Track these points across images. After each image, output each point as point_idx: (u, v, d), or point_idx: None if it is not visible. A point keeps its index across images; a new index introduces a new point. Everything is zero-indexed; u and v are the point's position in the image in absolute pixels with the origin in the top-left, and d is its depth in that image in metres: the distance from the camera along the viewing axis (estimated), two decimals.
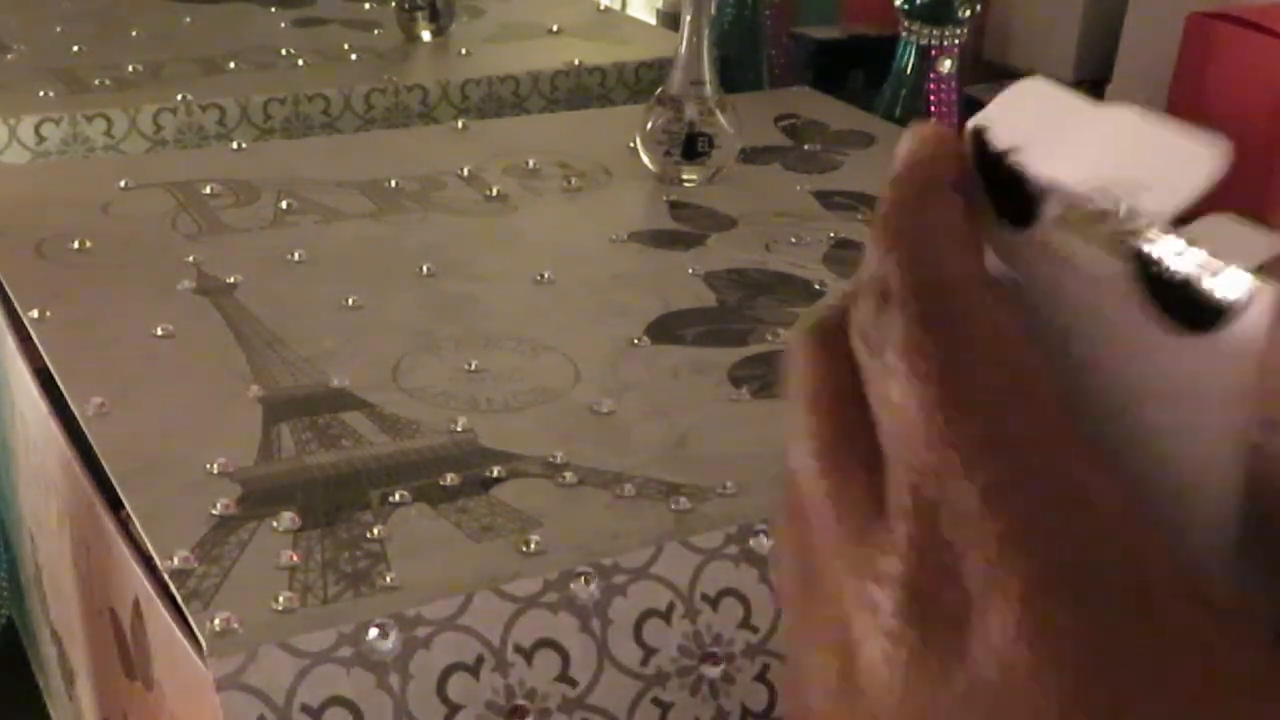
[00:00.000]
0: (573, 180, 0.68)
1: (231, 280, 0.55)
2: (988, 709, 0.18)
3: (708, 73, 0.68)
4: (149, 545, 0.39)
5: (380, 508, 0.41)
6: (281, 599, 0.36)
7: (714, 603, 0.40)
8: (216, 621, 0.35)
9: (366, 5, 0.99)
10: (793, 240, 0.63)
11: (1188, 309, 0.19)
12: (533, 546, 0.39)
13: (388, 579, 0.38)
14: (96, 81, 0.80)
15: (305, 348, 0.50)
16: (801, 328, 0.22)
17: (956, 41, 0.79)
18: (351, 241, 0.60)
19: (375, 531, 0.40)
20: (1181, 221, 0.20)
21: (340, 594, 0.37)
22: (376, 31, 0.93)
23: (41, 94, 0.77)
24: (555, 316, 0.54)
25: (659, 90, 0.69)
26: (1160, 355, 0.19)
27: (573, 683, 0.38)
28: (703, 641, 0.40)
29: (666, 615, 0.40)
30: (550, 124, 0.80)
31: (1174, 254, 0.19)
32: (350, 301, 0.54)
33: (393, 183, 0.66)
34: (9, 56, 0.85)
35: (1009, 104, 0.23)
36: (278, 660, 0.35)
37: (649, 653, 0.39)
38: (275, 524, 0.40)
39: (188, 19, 0.94)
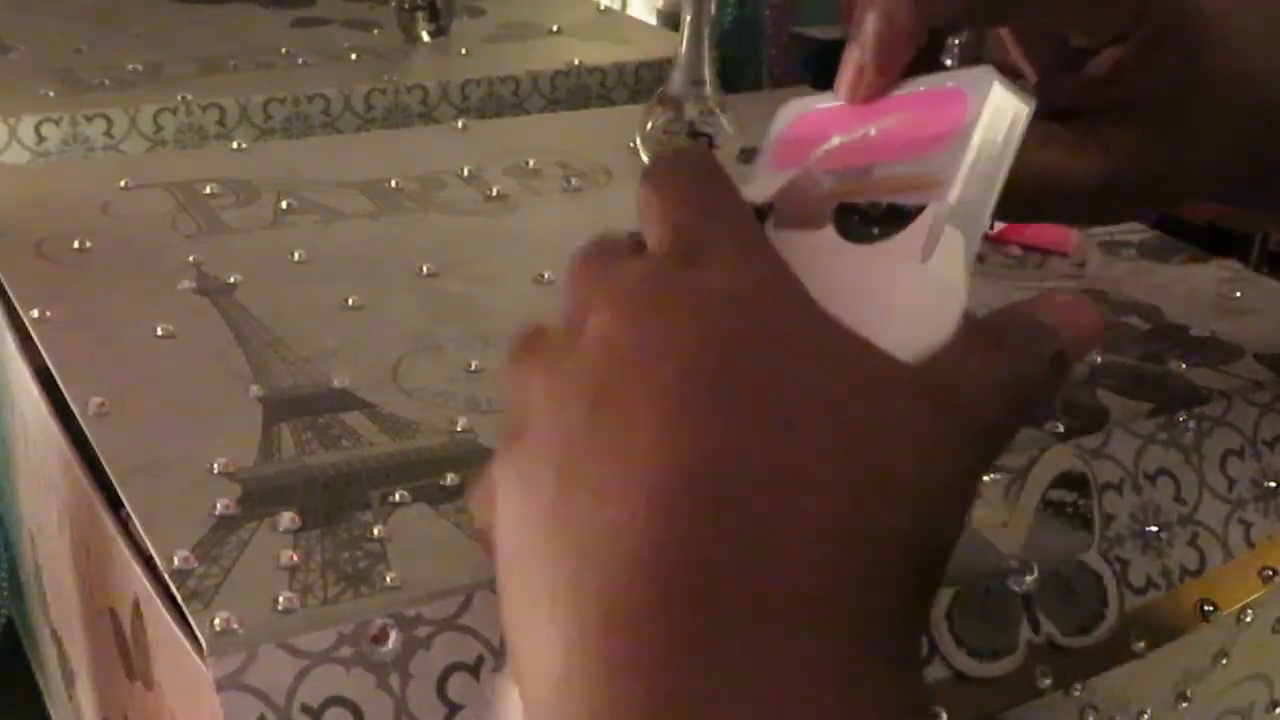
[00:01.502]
0: (573, 180, 0.68)
1: (231, 280, 0.55)
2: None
3: (708, 73, 0.68)
4: (149, 545, 0.39)
5: (380, 508, 0.41)
6: (281, 599, 0.36)
7: None
8: (216, 621, 0.35)
9: (367, 5, 0.99)
10: None
11: (870, 232, 0.32)
12: None
13: (388, 579, 0.38)
14: (96, 81, 0.80)
15: (305, 348, 0.50)
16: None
17: (956, 42, 0.79)
18: (351, 241, 0.60)
19: (375, 531, 0.40)
20: None
21: (340, 594, 0.37)
22: (376, 31, 0.93)
23: (41, 94, 0.77)
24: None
25: (659, 90, 0.69)
26: (847, 260, 0.31)
27: None
28: None
29: None
30: (550, 124, 0.80)
31: (866, 207, 0.33)
32: (350, 301, 0.54)
33: (393, 183, 0.66)
34: (9, 56, 0.85)
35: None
36: (278, 660, 0.35)
37: None
38: (275, 524, 0.40)
39: (188, 19, 0.94)
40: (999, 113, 0.33)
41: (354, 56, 0.87)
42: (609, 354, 0.28)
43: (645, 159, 0.69)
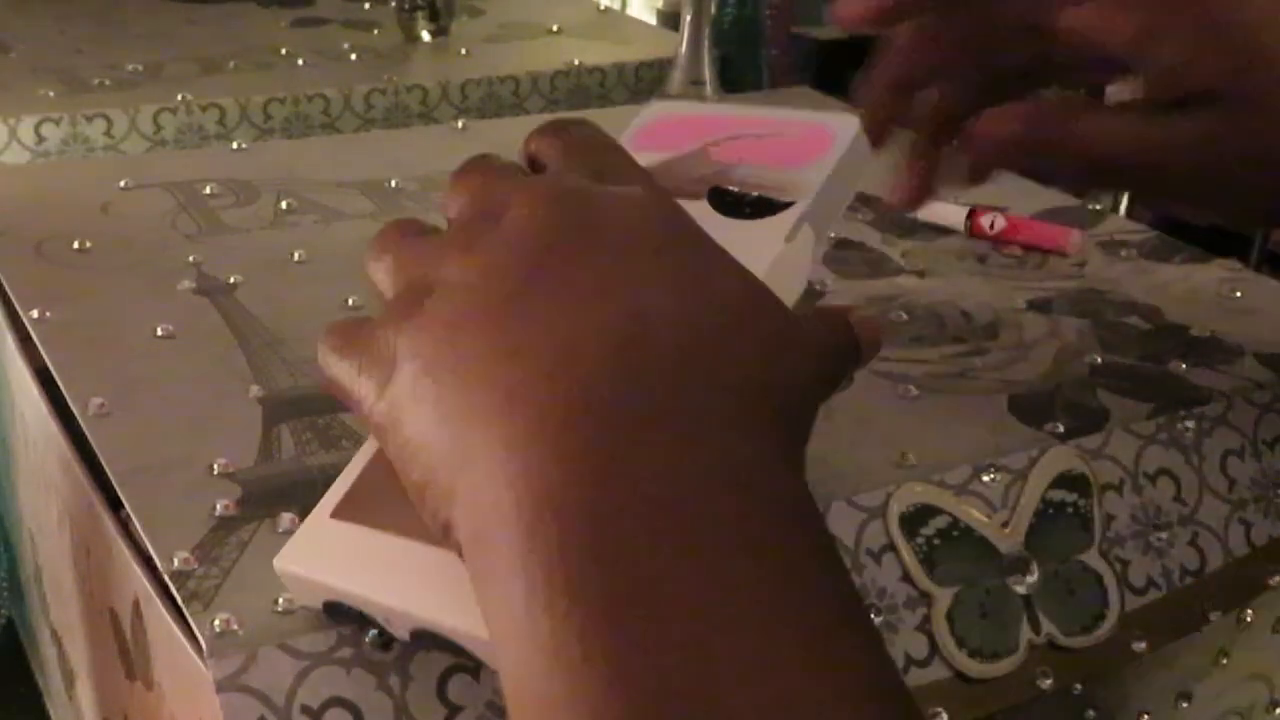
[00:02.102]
0: None
1: (231, 280, 0.55)
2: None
3: (708, 73, 0.68)
4: (149, 545, 0.39)
5: None
6: (282, 600, 0.36)
7: None
8: (216, 622, 0.35)
9: (366, 5, 0.99)
10: None
11: (743, 211, 0.39)
12: None
13: None
14: (96, 81, 0.80)
15: (305, 348, 0.50)
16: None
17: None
18: (351, 241, 0.60)
19: None
20: None
21: None
22: (376, 31, 0.93)
23: (41, 94, 0.77)
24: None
25: (659, 90, 0.69)
26: (717, 228, 0.35)
27: None
28: None
29: None
30: None
31: (732, 187, 0.41)
32: (350, 302, 0.54)
33: (393, 183, 0.66)
34: (9, 56, 0.85)
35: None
36: (278, 661, 0.35)
37: None
38: (275, 524, 0.40)
39: (188, 19, 0.94)
40: (856, 152, 0.42)
41: (354, 56, 0.87)
42: (543, 231, 0.32)
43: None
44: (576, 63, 0.87)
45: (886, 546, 0.42)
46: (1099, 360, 0.52)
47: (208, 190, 0.64)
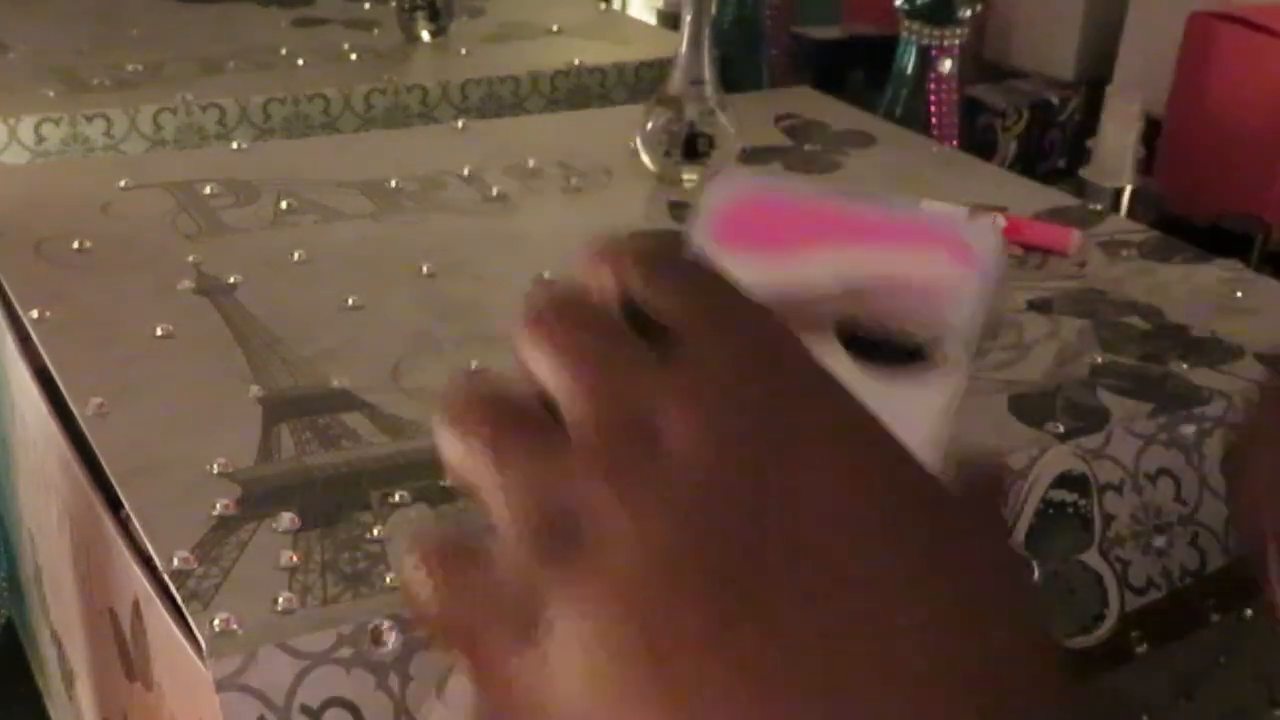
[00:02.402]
0: (573, 180, 0.68)
1: (231, 280, 0.55)
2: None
3: (708, 73, 0.68)
4: (149, 545, 0.39)
5: (380, 508, 0.41)
6: (281, 599, 0.36)
7: None
8: (216, 622, 0.35)
9: (366, 5, 0.99)
10: None
11: (886, 358, 0.32)
12: None
13: (387, 579, 0.38)
14: (96, 81, 0.80)
15: (305, 348, 0.50)
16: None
17: (957, 41, 0.79)
18: (351, 241, 0.60)
19: (375, 531, 0.40)
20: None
21: (340, 594, 0.37)
22: (376, 31, 0.93)
23: (41, 94, 0.77)
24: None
25: (659, 90, 0.69)
26: (870, 387, 0.29)
27: None
28: None
29: None
30: (550, 124, 0.80)
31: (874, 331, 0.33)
32: (350, 301, 0.54)
33: (393, 183, 0.66)
34: (9, 56, 0.85)
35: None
36: (277, 661, 0.35)
37: None
38: (275, 524, 0.40)
39: (188, 19, 0.94)
40: (1000, 271, 0.35)
41: (354, 56, 0.87)
42: (729, 489, 0.25)
43: (645, 159, 0.69)
44: (576, 63, 0.87)
45: None
46: (1099, 360, 0.52)
47: (208, 190, 0.64)
